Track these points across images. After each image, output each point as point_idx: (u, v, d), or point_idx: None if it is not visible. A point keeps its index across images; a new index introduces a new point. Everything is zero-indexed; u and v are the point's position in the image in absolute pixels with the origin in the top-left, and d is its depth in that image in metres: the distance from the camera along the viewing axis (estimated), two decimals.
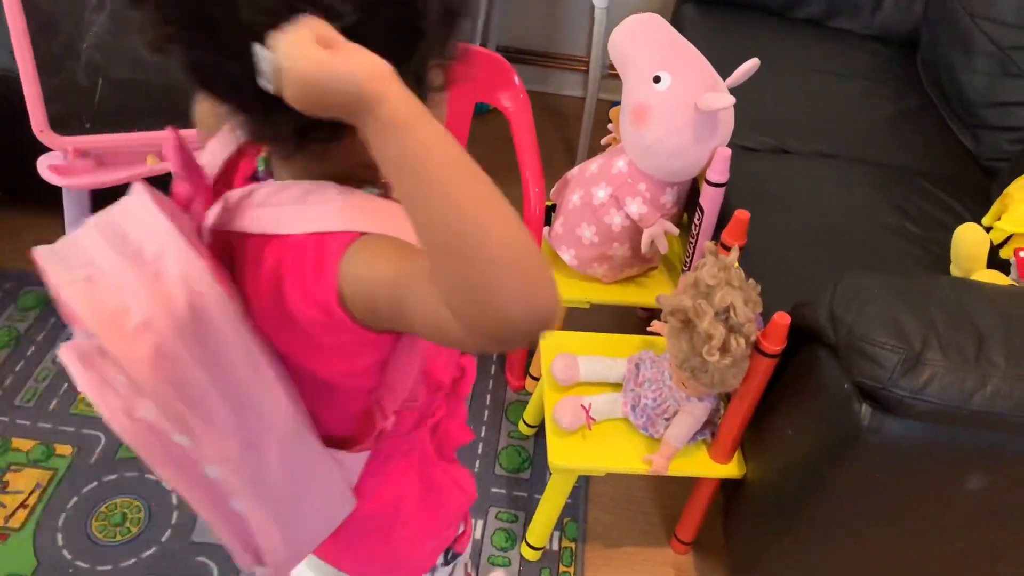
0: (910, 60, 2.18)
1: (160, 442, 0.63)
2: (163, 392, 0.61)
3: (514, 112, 1.72)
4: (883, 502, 1.20)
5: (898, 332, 1.07)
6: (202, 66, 0.62)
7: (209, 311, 0.62)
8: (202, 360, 0.63)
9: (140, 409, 0.61)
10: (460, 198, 0.52)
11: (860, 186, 1.70)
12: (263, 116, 0.60)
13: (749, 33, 2.16)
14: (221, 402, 0.64)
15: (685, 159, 1.51)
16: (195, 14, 0.58)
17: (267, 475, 0.70)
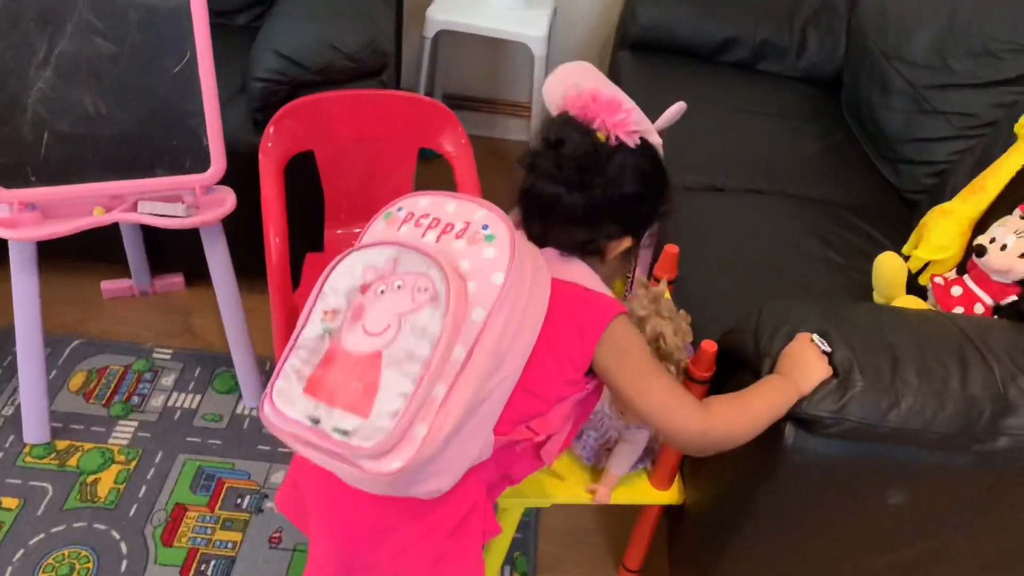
0: (834, 99, 2.29)
1: (463, 309, 0.91)
2: (512, 274, 0.93)
3: (456, 157, 1.78)
4: (812, 519, 1.26)
5: None
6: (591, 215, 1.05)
7: (543, 274, 1.00)
8: (531, 287, 0.96)
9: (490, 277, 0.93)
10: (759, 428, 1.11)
11: (787, 219, 1.78)
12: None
13: (682, 77, 2.26)
14: (519, 317, 0.94)
15: None
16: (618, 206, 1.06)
17: (485, 384, 0.92)
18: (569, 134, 1.03)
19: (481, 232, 0.95)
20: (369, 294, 0.94)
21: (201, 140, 1.58)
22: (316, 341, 0.95)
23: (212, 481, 1.69)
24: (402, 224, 0.99)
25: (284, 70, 1.73)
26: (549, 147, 1.03)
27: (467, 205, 0.98)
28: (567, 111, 1.05)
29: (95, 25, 1.47)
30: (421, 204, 1.01)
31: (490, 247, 0.94)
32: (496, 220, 0.95)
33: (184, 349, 1.97)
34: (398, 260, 0.94)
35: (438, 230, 0.97)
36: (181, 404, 1.84)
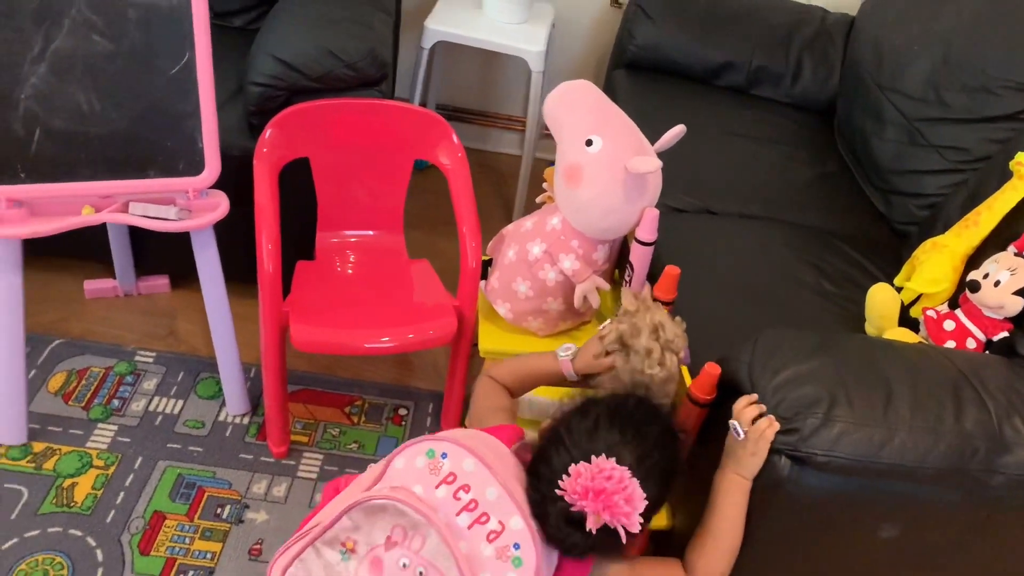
0: (827, 127, 2.31)
1: None
2: None
3: (452, 169, 1.77)
4: (804, 549, 1.25)
5: (810, 394, 1.13)
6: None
7: None
8: None
9: None
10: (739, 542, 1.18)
11: (780, 246, 1.79)
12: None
13: (677, 98, 2.26)
14: None
15: (616, 218, 1.57)
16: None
17: None
18: (563, 530, 1.02)
19: (512, 551, 0.97)
20: (393, 554, 0.97)
21: (196, 143, 1.56)
22: (335, 558, 0.99)
23: (192, 489, 1.66)
24: (441, 484, 1.00)
25: (282, 76, 1.71)
26: (552, 523, 1.02)
27: (507, 503, 0.99)
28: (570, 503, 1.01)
29: (93, 22, 1.45)
30: (467, 467, 1.01)
31: (515, 572, 0.97)
32: (529, 543, 0.98)
33: (167, 352, 1.94)
34: (427, 539, 0.96)
35: (474, 516, 0.99)
36: (163, 409, 1.81)
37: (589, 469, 1.00)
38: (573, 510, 0.99)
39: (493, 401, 1.31)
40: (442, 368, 2.03)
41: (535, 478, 1.05)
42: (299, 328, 1.58)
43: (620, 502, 0.98)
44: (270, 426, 1.74)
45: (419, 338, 1.66)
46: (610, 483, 0.99)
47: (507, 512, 0.99)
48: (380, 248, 1.88)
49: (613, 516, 0.99)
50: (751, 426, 1.15)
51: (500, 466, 1.03)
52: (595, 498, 0.98)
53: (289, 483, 1.71)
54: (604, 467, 1.00)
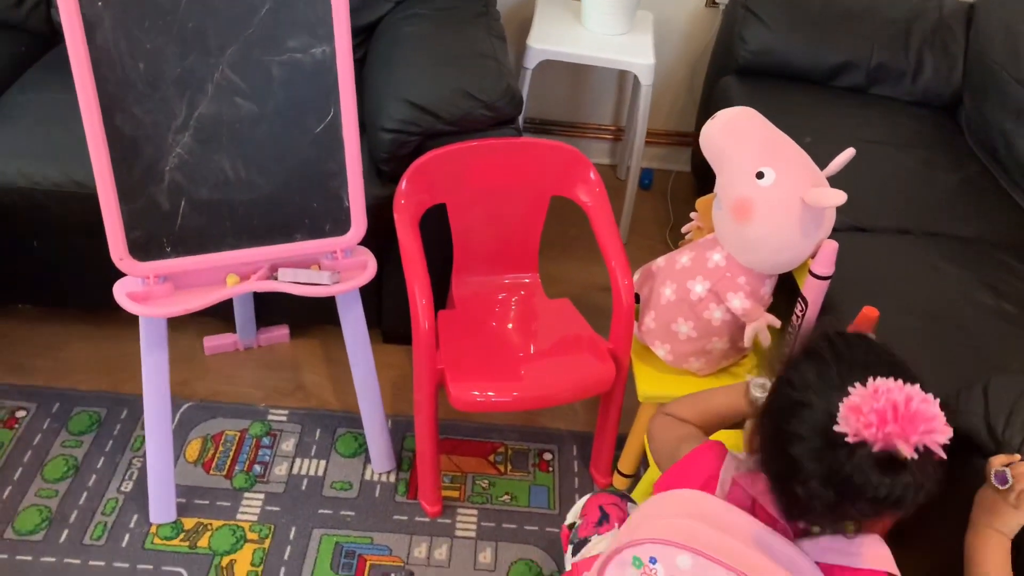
0: (952, 124, 2.20)
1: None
2: None
3: (593, 206, 1.68)
4: None
5: None
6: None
7: None
8: None
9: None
10: None
11: (944, 263, 1.69)
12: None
13: (794, 103, 2.15)
14: None
15: (791, 254, 1.48)
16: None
17: None
18: (874, 482, 0.80)
19: None
20: None
21: (343, 201, 1.48)
22: None
23: (353, 559, 1.60)
24: None
25: (417, 120, 1.62)
26: (847, 488, 0.83)
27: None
28: (869, 441, 0.81)
29: (237, 85, 1.36)
30: (682, 567, 0.88)
31: None
32: None
33: (299, 409, 1.87)
34: None
35: None
36: (306, 471, 1.74)
37: (872, 388, 0.80)
38: (874, 448, 0.79)
39: (679, 431, 1.17)
40: (577, 406, 1.95)
41: (784, 459, 0.87)
42: (460, 387, 1.51)
43: (923, 408, 0.79)
44: (423, 485, 1.67)
45: (580, 389, 1.58)
46: (900, 394, 0.79)
47: None
48: (519, 290, 1.80)
49: (927, 433, 0.79)
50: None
51: (718, 539, 0.90)
52: (895, 418, 0.78)
53: (449, 544, 1.64)
54: (882, 384, 0.81)
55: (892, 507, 0.82)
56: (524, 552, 1.64)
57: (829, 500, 0.84)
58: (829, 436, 0.82)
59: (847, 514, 0.88)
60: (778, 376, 0.94)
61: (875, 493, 0.80)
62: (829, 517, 0.90)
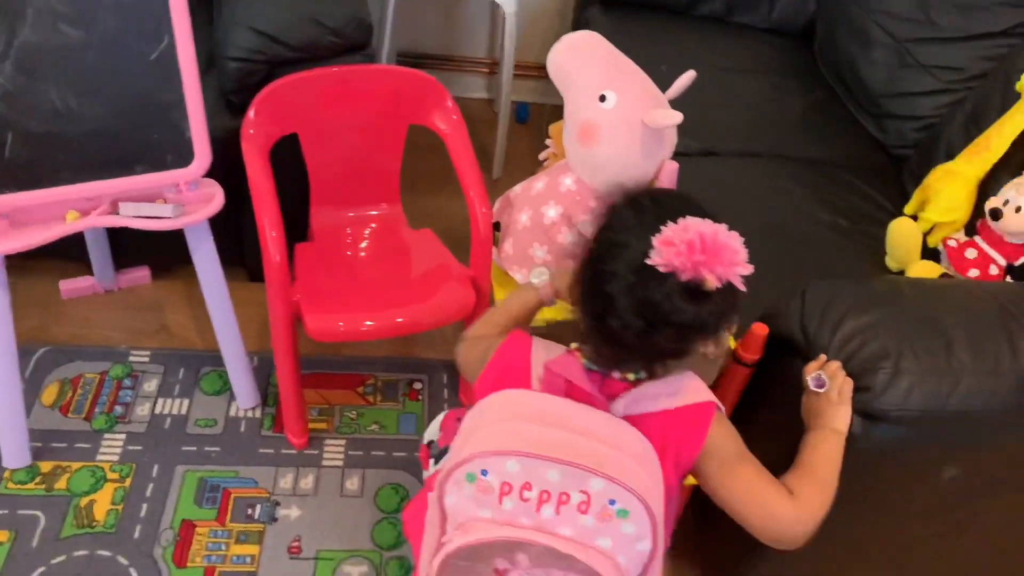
0: (808, 52, 2.27)
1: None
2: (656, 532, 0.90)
3: (450, 134, 1.69)
4: (869, 498, 1.27)
5: (877, 350, 1.12)
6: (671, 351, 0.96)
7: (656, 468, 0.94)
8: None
9: (635, 547, 0.91)
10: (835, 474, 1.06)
11: (788, 183, 1.77)
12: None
13: (656, 33, 2.19)
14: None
15: (634, 174, 1.52)
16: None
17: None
18: (679, 310, 0.88)
19: (610, 508, 0.88)
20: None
21: (183, 132, 1.44)
22: None
23: (217, 492, 1.60)
24: (501, 498, 0.91)
25: (262, 48, 1.59)
26: (657, 317, 0.89)
27: (572, 472, 0.88)
28: (677, 271, 0.87)
29: (60, 10, 1.31)
30: (511, 470, 0.89)
31: (627, 523, 0.88)
32: (622, 493, 0.87)
33: (162, 349, 1.84)
34: (530, 554, 0.91)
35: (552, 504, 0.89)
36: (170, 410, 1.72)
37: (682, 224, 0.88)
38: (682, 278, 0.86)
39: (481, 345, 1.15)
40: (448, 335, 1.98)
41: (601, 298, 0.92)
42: (315, 318, 1.50)
43: (728, 243, 0.88)
44: (287, 417, 1.68)
45: (440, 315, 1.60)
46: (708, 229, 0.87)
47: (580, 480, 0.88)
48: (379, 221, 1.79)
49: (731, 265, 0.88)
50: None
51: (539, 434, 0.91)
52: (703, 249, 0.86)
53: (316, 474, 1.66)
54: (692, 221, 0.88)
55: (696, 333, 0.91)
56: (391, 477, 1.67)
57: (640, 328, 0.90)
58: (642, 270, 0.88)
59: (656, 345, 0.93)
60: (598, 224, 1.00)
61: (681, 319, 0.88)
62: (640, 352, 0.95)
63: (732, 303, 0.92)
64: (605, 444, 0.91)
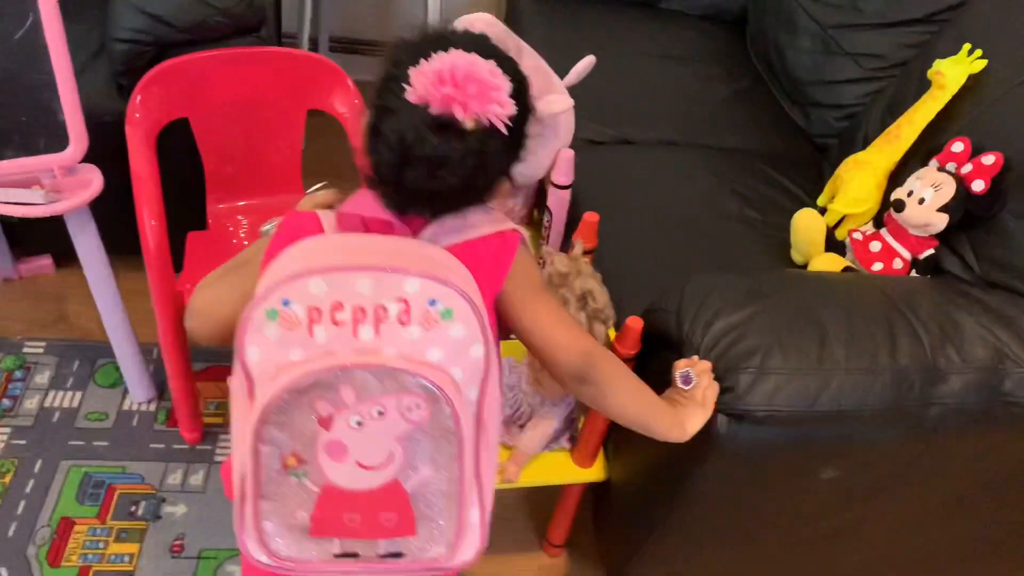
0: (740, 39, 2.22)
1: (461, 398, 0.80)
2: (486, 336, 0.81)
3: (350, 119, 1.63)
4: (744, 499, 1.22)
5: (743, 349, 1.08)
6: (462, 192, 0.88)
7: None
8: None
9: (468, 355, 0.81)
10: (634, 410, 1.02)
11: (702, 173, 1.72)
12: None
13: (586, 20, 2.14)
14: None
15: (528, 163, 1.46)
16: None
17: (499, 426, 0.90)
18: (441, 146, 0.82)
19: (432, 310, 0.78)
20: (340, 427, 0.80)
21: (56, 115, 1.39)
22: (292, 488, 0.83)
23: (101, 488, 1.55)
24: (312, 326, 0.78)
25: (149, 29, 1.53)
26: (404, 149, 0.82)
27: (384, 278, 0.77)
28: (424, 103, 0.81)
29: None
30: (316, 291, 0.77)
31: (455, 325, 0.79)
32: (442, 289, 0.78)
33: (59, 340, 1.79)
34: (356, 384, 0.78)
35: (370, 322, 0.78)
36: (60, 404, 1.67)
37: (441, 56, 0.81)
38: (432, 111, 0.80)
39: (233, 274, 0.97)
40: None
41: (372, 134, 0.86)
42: None
43: (485, 78, 0.80)
44: (179, 411, 1.63)
45: None
46: (464, 61, 0.80)
47: (395, 285, 0.78)
48: (280, 210, 1.73)
49: (486, 103, 0.80)
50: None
51: (342, 255, 0.81)
52: (454, 82, 0.79)
53: (207, 469, 1.61)
54: (454, 53, 0.81)
55: (445, 170, 0.83)
56: None
57: (392, 163, 0.83)
58: (400, 102, 0.81)
59: (410, 183, 0.84)
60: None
61: (424, 151, 0.81)
62: (407, 194, 0.86)
63: (497, 151, 0.85)
64: (413, 254, 0.82)
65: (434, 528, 0.86)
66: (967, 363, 1.13)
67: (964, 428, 1.16)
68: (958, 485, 1.27)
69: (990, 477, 1.27)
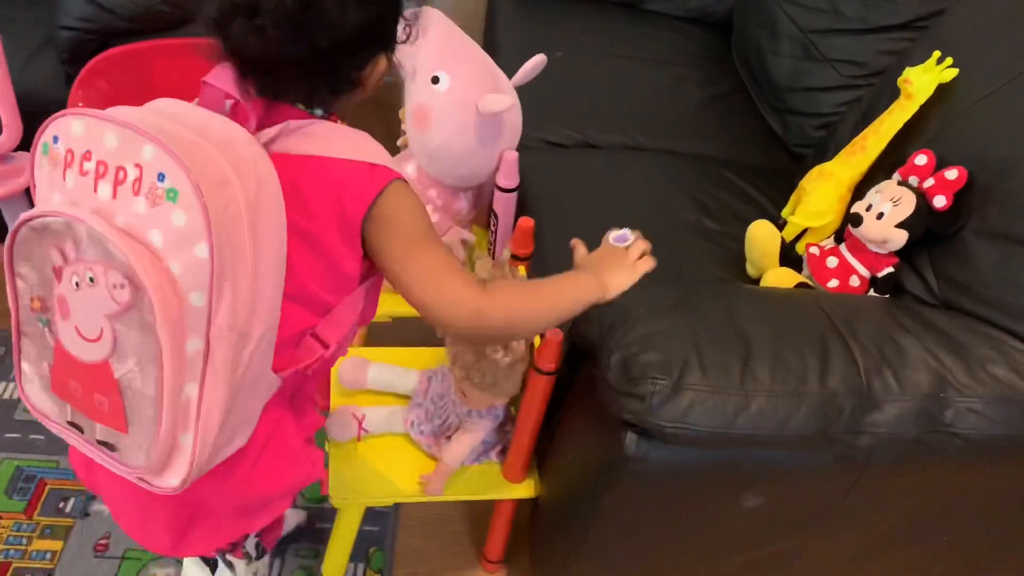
0: (726, 43, 2.15)
1: (176, 298, 0.74)
2: (220, 242, 0.73)
3: None
4: (664, 523, 1.17)
5: (658, 359, 1.01)
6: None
7: (268, 193, 0.79)
8: (252, 231, 0.76)
9: (191, 251, 0.74)
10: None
11: (663, 180, 1.65)
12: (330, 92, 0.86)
13: (563, 20, 2.09)
14: (249, 277, 0.77)
15: (472, 163, 1.42)
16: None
17: (238, 366, 0.80)
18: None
19: (159, 186, 0.73)
20: (65, 283, 0.78)
21: None
22: (38, 331, 0.83)
23: (32, 483, 1.52)
24: (66, 169, 0.77)
25: (93, 17, 1.51)
26: (241, 12, 0.79)
27: (130, 137, 0.74)
28: None
29: None
30: (75, 133, 0.76)
31: (177, 210, 0.73)
32: (172, 165, 0.73)
33: (3, 330, 1.77)
34: (78, 240, 0.76)
35: (110, 180, 0.75)
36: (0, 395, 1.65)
37: None
38: None
39: None
40: None
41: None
42: None
43: None
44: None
45: None
46: None
47: (136, 147, 0.74)
48: None
49: None
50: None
51: (127, 113, 0.77)
52: None
53: None
54: None
55: (264, 17, 0.78)
56: None
57: (214, 14, 0.81)
58: None
59: (231, 34, 0.80)
60: None
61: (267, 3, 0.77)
62: (231, 51, 0.82)
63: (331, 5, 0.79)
64: (189, 128, 0.77)
65: (142, 434, 0.80)
66: (904, 390, 1.06)
67: (901, 459, 1.10)
68: (900, 518, 1.20)
69: (935, 510, 1.20)
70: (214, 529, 1.01)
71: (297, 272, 0.84)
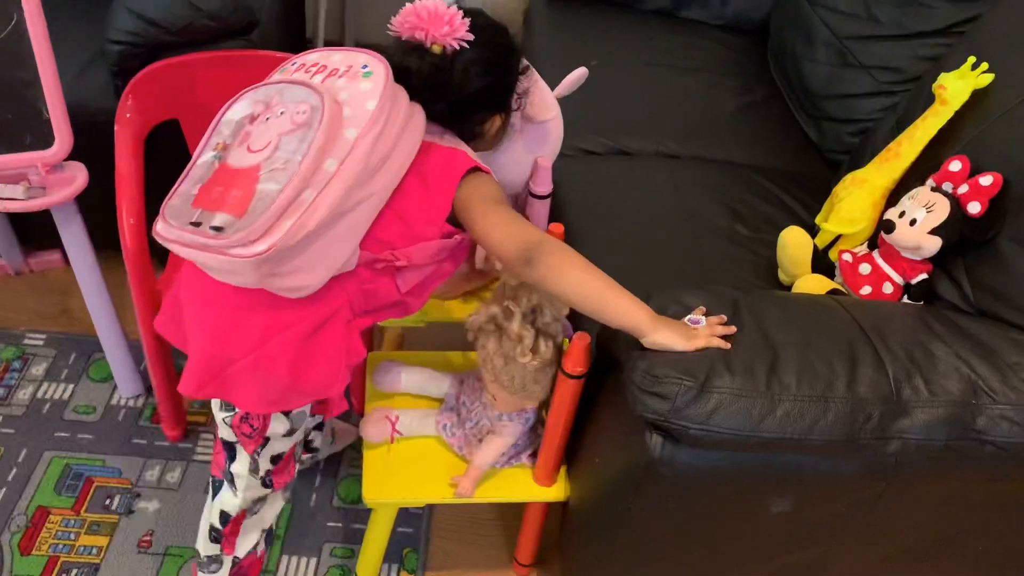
0: (761, 50, 2.14)
1: (338, 127, 1.00)
2: (383, 105, 1.03)
3: None
4: (690, 528, 1.17)
5: (685, 361, 1.02)
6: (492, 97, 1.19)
7: (418, 120, 1.10)
8: (404, 123, 1.06)
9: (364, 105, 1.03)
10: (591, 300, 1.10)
11: (697, 187, 1.66)
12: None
13: (599, 29, 2.10)
14: (389, 144, 1.04)
15: (516, 171, 1.44)
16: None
17: (349, 199, 1.00)
18: (409, 61, 1.09)
19: (360, 71, 1.06)
20: (257, 123, 1.04)
21: (41, 113, 1.42)
22: (206, 167, 1.05)
23: (80, 480, 1.58)
24: (294, 74, 1.10)
25: (140, 31, 1.56)
26: (400, 76, 1.08)
27: (352, 54, 1.09)
28: (400, 34, 1.11)
29: None
30: (311, 58, 1.12)
31: (367, 81, 1.04)
32: (375, 62, 1.06)
33: (60, 333, 1.83)
34: (283, 93, 1.05)
35: (324, 75, 1.07)
36: (51, 395, 1.71)
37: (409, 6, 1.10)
38: (404, 38, 1.11)
39: None
40: None
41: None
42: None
43: (440, 14, 1.08)
44: (162, 409, 1.65)
45: None
46: (429, 4, 1.09)
47: (353, 58, 1.08)
48: None
49: (447, 35, 1.08)
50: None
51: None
52: (417, 16, 1.08)
53: (184, 467, 1.62)
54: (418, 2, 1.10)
55: (419, 80, 1.10)
56: None
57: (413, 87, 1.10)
58: (394, 40, 1.13)
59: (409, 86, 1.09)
60: None
61: (408, 65, 1.09)
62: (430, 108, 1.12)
63: (468, 71, 1.11)
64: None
65: (252, 217, 0.96)
66: (935, 396, 1.06)
67: (931, 466, 1.09)
68: (930, 527, 1.19)
69: (966, 519, 1.19)
70: (232, 381, 1.10)
71: (407, 194, 1.09)
